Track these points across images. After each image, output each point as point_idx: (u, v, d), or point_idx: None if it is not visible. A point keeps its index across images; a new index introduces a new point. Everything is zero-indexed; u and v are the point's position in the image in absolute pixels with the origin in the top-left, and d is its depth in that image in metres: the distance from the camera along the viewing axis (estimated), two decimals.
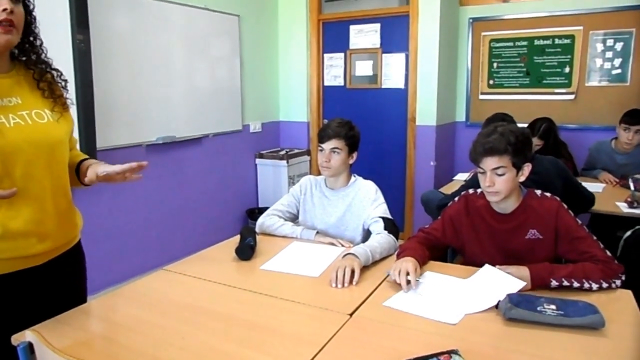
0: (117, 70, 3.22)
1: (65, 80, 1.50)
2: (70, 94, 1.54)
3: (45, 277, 1.42)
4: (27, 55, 1.41)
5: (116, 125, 3.23)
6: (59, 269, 1.46)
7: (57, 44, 1.45)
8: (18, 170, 1.28)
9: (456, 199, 1.93)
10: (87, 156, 1.60)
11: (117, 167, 1.41)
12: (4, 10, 1.26)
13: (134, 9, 3.32)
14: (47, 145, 1.37)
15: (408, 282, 1.55)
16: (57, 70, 1.48)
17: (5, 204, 1.28)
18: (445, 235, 1.89)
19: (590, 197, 2.64)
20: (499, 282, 1.53)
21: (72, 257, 1.53)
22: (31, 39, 1.41)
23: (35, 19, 1.41)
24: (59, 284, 1.47)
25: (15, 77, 1.38)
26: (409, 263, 1.62)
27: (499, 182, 1.67)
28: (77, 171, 1.53)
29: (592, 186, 3.20)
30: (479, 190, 1.84)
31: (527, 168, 1.71)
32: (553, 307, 1.33)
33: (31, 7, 1.39)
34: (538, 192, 1.78)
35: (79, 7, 2.76)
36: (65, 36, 2.70)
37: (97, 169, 1.44)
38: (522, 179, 1.71)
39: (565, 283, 1.52)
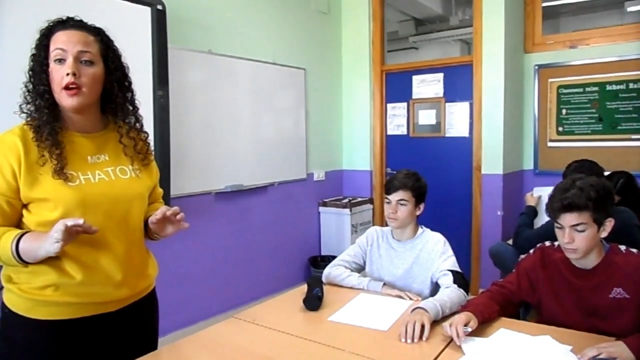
0: (191, 122, 3.41)
1: (149, 143, 1.59)
2: (150, 145, 1.62)
3: (119, 323, 1.46)
4: (117, 114, 1.48)
5: (188, 174, 3.39)
6: (132, 316, 1.50)
7: (140, 99, 1.56)
8: (97, 222, 1.32)
9: (531, 251, 1.86)
10: None
11: (158, 213, 1.44)
12: (67, 74, 1.30)
13: (207, 65, 3.54)
14: (125, 200, 1.45)
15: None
16: (145, 132, 1.57)
17: (85, 252, 1.36)
18: (520, 289, 1.81)
19: None
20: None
21: (146, 304, 1.57)
22: (129, 104, 1.50)
23: (126, 76, 1.48)
24: (131, 330, 1.51)
25: (106, 135, 1.47)
26: (461, 316, 1.59)
27: (579, 239, 1.58)
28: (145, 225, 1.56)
29: None
30: (556, 243, 1.75)
31: (609, 224, 1.61)
32: None
33: (124, 67, 1.47)
34: (622, 247, 1.67)
35: (160, 65, 2.99)
36: (148, 92, 2.91)
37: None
38: (603, 234, 1.62)
39: None
